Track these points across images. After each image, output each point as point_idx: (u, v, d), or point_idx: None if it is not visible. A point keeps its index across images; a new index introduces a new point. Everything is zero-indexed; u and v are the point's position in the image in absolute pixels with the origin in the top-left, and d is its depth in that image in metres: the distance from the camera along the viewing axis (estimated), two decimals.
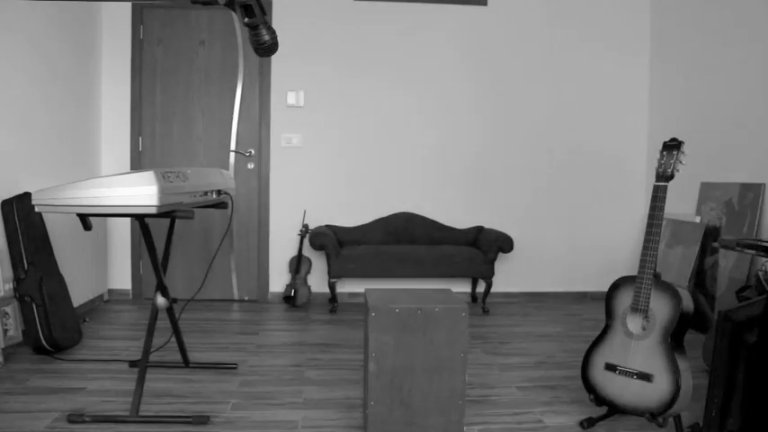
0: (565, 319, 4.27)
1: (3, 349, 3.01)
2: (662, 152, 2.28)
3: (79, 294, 4.00)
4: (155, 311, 2.49)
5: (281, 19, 4.61)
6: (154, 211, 2.01)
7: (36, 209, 2.06)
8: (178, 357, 3.17)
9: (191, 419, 2.32)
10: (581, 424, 2.34)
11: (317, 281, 4.71)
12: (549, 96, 4.85)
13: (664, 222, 4.36)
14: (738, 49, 3.85)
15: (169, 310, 2.74)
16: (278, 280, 4.70)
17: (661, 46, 4.75)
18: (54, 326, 3.14)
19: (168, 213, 2.16)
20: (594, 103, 4.89)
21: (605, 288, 4.92)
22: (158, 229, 4.54)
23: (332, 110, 4.70)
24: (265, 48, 1.88)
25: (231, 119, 4.63)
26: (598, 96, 4.89)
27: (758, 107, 3.67)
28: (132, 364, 3.01)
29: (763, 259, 3.05)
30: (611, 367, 2.26)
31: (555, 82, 4.84)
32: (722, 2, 4.01)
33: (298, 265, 4.49)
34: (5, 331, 3.14)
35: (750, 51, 3.74)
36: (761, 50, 3.65)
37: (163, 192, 2.02)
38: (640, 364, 2.19)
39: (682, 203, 4.38)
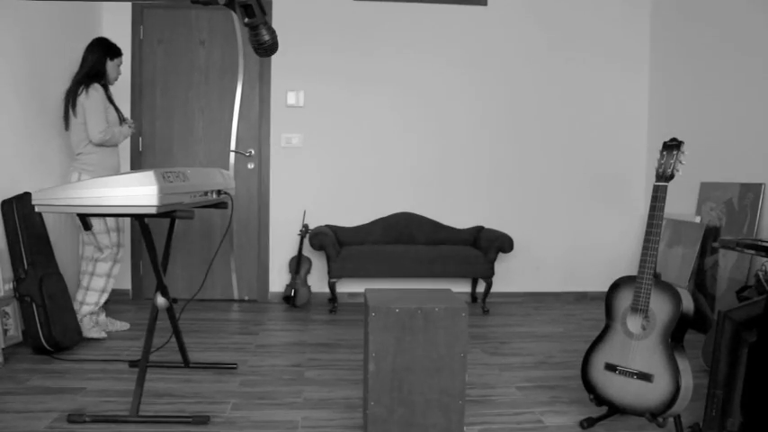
0: (565, 319, 4.27)
1: (3, 349, 3.01)
2: (662, 152, 2.28)
3: None
4: (155, 311, 2.49)
5: (281, 19, 4.61)
6: (154, 211, 2.01)
7: (36, 209, 2.06)
8: (178, 357, 3.17)
9: (191, 419, 2.32)
10: (581, 424, 2.34)
11: (317, 281, 4.71)
12: (549, 96, 4.85)
13: (664, 222, 4.36)
14: (738, 49, 3.85)
15: (169, 310, 2.74)
16: (278, 280, 4.70)
17: (661, 46, 4.75)
18: (54, 326, 3.14)
19: (168, 213, 2.16)
20: (594, 102, 4.89)
21: (605, 288, 4.91)
22: (158, 229, 4.54)
23: (332, 110, 4.70)
24: (265, 48, 1.88)
25: (231, 119, 4.63)
26: (598, 96, 4.89)
27: (758, 107, 3.67)
28: (132, 364, 3.01)
29: (763, 259, 3.05)
30: (611, 367, 2.26)
31: (555, 81, 4.84)
32: (722, 2, 4.01)
33: (298, 265, 4.49)
34: (5, 331, 3.14)
35: (750, 51, 3.74)
36: (761, 50, 3.65)
37: (163, 192, 2.02)
38: (640, 364, 2.19)
39: (682, 203, 4.38)
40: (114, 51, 3.53)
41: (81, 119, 3.38)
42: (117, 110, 3.57)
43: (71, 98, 3.37)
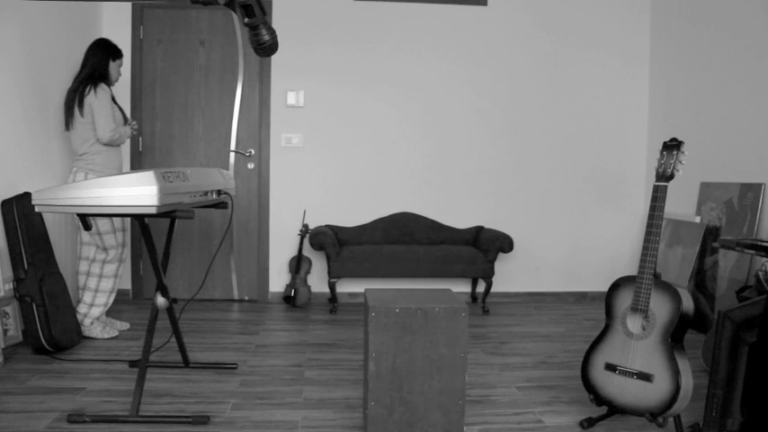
0: (565, 319, 4.27)
1: (3, 349, 3.01)
2: (662, 152, 2.28)
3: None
4: (155, 311, 2.49)
5: (281, 19, 4.61)
6: (154, 211, 2.01)
7: (36, 209, 2.06)
8: (178, 357, 3.17)
9: (191, 419, 2.32)
10: (581, 424, 2.34)
11: (317, 281, 4.71)
12: (550, 96, 4.85)
13: (664, 222, 4.36)
14: (739, 49, 3.85)
15: (169, 310, 2.74)
16: (278, 280, 4.71)
17: (661, 46, 4.75)
18: (54, 326, 3.14)
19: (168, 213, 2.16)
20: (595, 102, 4.89)
21: (605, 288, 4.92)
22: (158, 229, 4.54)
23: (332, 110, 4.70)
24: (265, 48, 1.88)
25: (231, 119, 4.63)
26: (598, 96, 4.89)
27: (758, 107, 3.67)
28: (132, 364, 3.01)
29: (763, 259, 3.05)
30: (611, 367, 2.26)
31: (555, 82, 4.84)
32: (722, 2, 4.01)
33: (298, 265, 4.49)
34: (5, 331, 3.15)
35: (750, 51, 3.74)
36: (761, 51, 3.65)
37: (163, 192, 2.02)
38: (640, 364, 2.19)
39: (682, 203, 4.38)
40: (116, 52, 3.55)
41: (88, 118, 3.39)
42: (120, 110, 3.60)
43: (77, 98, 3.37)
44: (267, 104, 4.63)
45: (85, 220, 2.21)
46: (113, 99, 3.52)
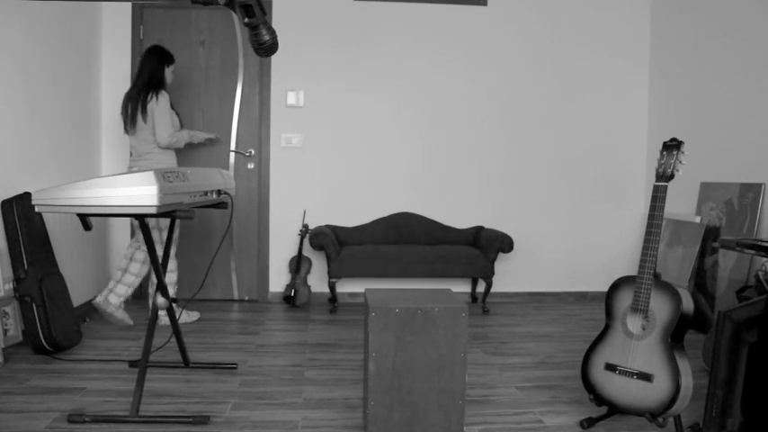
0: (565, 319, 4.27)
1: (3, 349, 3.01)
2: (662, 152, 2.28)
3: (79, 294, 4.00)
4: (155, 311, 2.49)
5: (281, 19, 4.61)
6: (154, 211, 2.01)
7: (36, 209, 2.05)
8: (178, 357, 3.17)
9: (191, 419, 2.32)
10: (581, 424, 2.34)
11: (317, 281, 4.71)
12: (550, 96, 4.85)
13: (664, 222, 4.36)
14: (739, 49, 3.85)
15: (169, 310, 2.74)
16: (278, 280, 4.71)
17: (661, 45, 4.75)
18: (54, 326, 3.14)
19: (168, 213, 2.16)
20: (595, 102, 4.89)
21: (605, 288, 4.92)
22: None
23: (332, 110, 4.70)
24: (265, 48, 1.88)
25: (231, 119, 4.63)
26: (598, 96, 4.89)
27: (758, 107, 3.67)
28: (132, 364, 3.01)
29: (763, 259, 3.05)
30: (611, 367, 2.26)
31: (555, 82, 4.84)
32: (722, 2, 4.01)
33: (298, 265, 4.49)
34: (5, 331, 3.15)
35: (750, 51, 3.74)
36: (761, 50, 3.65)
37: (163, 192, 2.02)
38: (640, 364, 2.19)
39: (682, 203, 4.38)
40: (169, 58, 3.75)
41: (150, 123, 3.61)
42: (178, 115, 3.80)
43: (141, 104, 3.58)
44: (267, 104, 4.63)
45: (85, 220, 2.21)
46: (171, 105, 3.71)
